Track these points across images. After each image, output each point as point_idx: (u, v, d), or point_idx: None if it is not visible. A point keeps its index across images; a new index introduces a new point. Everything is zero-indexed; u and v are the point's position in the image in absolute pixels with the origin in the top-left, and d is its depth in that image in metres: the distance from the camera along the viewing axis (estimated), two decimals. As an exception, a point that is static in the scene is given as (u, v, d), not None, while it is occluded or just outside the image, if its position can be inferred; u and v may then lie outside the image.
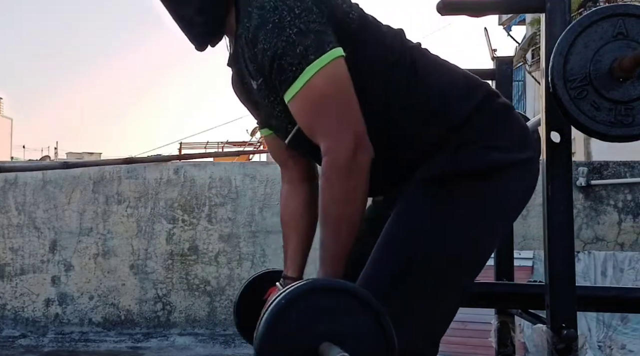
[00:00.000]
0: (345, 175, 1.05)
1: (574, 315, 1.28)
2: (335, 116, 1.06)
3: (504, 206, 1.15)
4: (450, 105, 1.14)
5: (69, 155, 22.59)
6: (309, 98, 1.06)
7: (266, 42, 1.07)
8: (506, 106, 1.20)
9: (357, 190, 1.07)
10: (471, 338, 3.09)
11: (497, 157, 1.12)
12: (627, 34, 1.15)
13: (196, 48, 1.26)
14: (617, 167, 4.47)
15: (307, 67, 1.04)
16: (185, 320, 4.63)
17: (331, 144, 1.05)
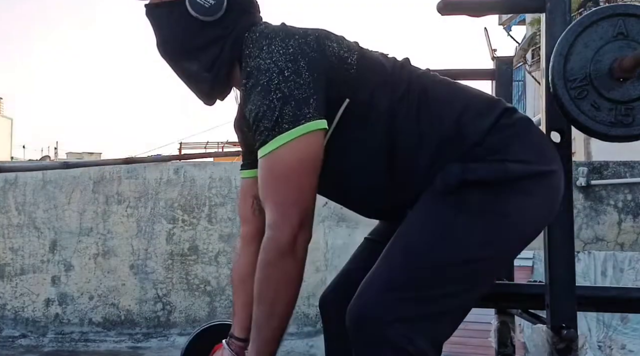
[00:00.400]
0: (286, 256, 1.06)
1: (574, 315, 1.28)
2: (289, 191, 1.07)
3: (520, 217, 1.11)
4: (464, 129, 1.12)
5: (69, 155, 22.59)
6: (270, 167, 1.08)
7: (253, 103, 1.09)
8: (524, 121, 1.16)
9: (296, 272, 1.08)
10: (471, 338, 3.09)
11: (514, 167, 1.09)
12: (627, 34, 1.15)
13: (205, 103, 1.27)
14: (617, 167, 4.47)
15: (278, 136, 1.06)
16: (185, 320, 4.63)
17: (277, 219, 1.07)
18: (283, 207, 1.07)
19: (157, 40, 1.22)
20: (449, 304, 1.09)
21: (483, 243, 1.09)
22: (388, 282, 1.08)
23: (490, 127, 1.12)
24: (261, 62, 1.09)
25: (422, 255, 1.08)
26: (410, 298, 1.06)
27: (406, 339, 1.04)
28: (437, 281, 1.08)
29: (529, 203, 1.11)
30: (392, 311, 1.05)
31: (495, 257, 1.12)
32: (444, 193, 1.10)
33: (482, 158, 1.10)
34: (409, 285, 1.07)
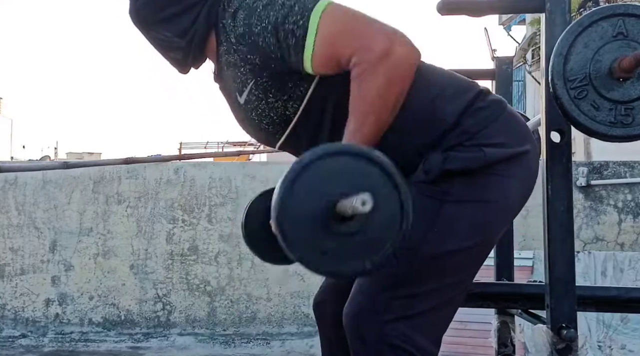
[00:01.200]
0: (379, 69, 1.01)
1: (574, 315, 1.28)
2: (361, 29, 1.04)
3: (501, 200, 1.13)
4: (439, 110, 1.13)
5: (69, 155, 22.58)
6: (324, 33, 1.04)
7: (263, 20, 1.07)
8: (498, 103, 1.18)
9: (391, 86, 1.03)
10: (471, 338, 3.09)
11: (491, 152, 1.10)
12: (627, 34, 1.15)
13: (179, 71, 1.26)
14: (617, 167, 4.47)
15: (312, 11, 1.04)
16: (185, 320, 4.63)
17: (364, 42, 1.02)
18: (365, 37, 1.03)
19: (131, 7, 1.21)
20: (443, 296, 1.10)
21: (470, 231, 1.10)
22: (382, 281, 1.08)
23: (465, 109, 1.13)
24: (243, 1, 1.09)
25: (411, 251, 1.08)
26: (405, 295, 1.06)
27: (404, 337, 1.04)
28: (430, 275, 1.08)
29: (507, 185, 1.13)
30: (388, 310, 1.05)
31: (482, 243, 1.13)
32: (427, 184, 1.10)
33: (460, 144, 1.11)
34: (402, 282, 1.07)
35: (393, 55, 1.01)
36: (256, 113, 1.16)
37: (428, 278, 1.08)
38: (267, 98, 1.13)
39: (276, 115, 1.15)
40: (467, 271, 1.14)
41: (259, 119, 1.17)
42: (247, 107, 1.17)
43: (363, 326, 1.06)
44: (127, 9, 1.22)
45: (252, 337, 4.56)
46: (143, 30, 1.22)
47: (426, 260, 1.08)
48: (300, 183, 0.87)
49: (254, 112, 1.16)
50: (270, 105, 1.13)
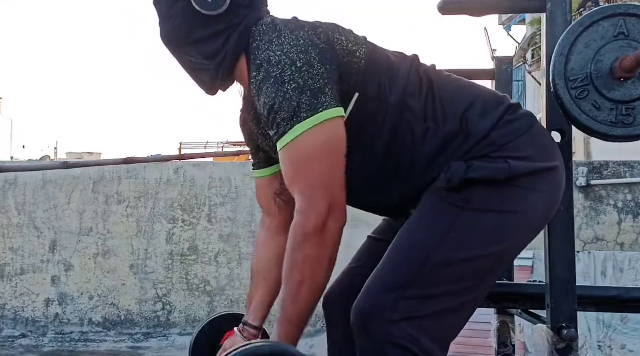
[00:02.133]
0: (313, 242, 1.05)
1: (574, 315, 1.28)
2: (314, 178, 1.06)
3: (523, 213, 1.11)
4: (469, 125, 1.12)
5: (69, 155, 22.58)
6: (293, 156, 1.08)
7: (267, 96, 1.08)
8: (528, 117, 1.17)
9: (323, 258, 1.07)
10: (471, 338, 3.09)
11: (516, 165, 1.09)
12: (628, 34, 1.15)
13: (206, 93, 1.26)
14: (617, 167, 4.47)
15: (297, 125, 1.05)
16: (185, 320, 4.63)
17: (304, 205, 1.06)
18: (309, 192, 1.06)
19: (161, 30, 1.22)
20: (454, 302, 1.09)
21: (487, 241, 1.09)
22: (393, 281, 1.08)
23: (495, 124, 1.12)
24: (271, 54, 1.08)
25: (427, 254, 1.08)
26: (415, 296, 1.06)
27: (411, 338, 1.04)
28: (442, 279, 1.08)
29: (531, 200, 1.12)
30: (397, 310, 1.05)
31: (499, 254, 1.12)
32: (448, 192, 1.10)
33: (485, 155, 1.10)
34: (413, 283, 1.07)
35: (327, 227, 1.05)
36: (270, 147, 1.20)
37: (439, 283, 1.08)
38: None
39: None
40: (481, 280, 1.12)
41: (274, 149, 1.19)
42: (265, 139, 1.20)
43: (370, 324, 1.06)
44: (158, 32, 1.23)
45: (252, 337, 4.57)
46: (173, 52, 1.23)
47: (439, 265, 1.08)
48: None
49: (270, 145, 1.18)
50: None
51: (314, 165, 1.07)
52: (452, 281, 1.09)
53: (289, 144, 1.07)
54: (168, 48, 1.23)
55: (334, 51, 1.11)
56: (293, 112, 1.05)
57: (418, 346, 1.04)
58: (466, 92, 1.18)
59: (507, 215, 1.10)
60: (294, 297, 1.07)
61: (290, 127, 1.06)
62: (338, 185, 1.08)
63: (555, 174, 1.15)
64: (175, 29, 1.20)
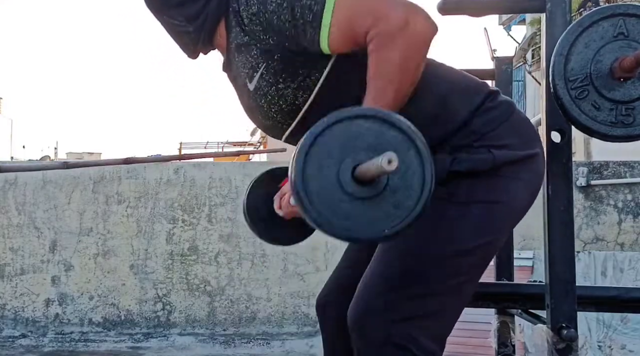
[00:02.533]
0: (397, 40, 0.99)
1: (574, 315, 1.28)
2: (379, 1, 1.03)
3: (508, 202, 1.13)
4: (449, 109, 1.13)
5: (69, 155, 22.60)
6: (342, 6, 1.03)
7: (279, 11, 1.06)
8: (508, 104, 1.18)
9: (410, 57, 1.01)
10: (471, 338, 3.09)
11: (499, 154, 1.11)
12: (628, 34, 1.15)
13: (188, 56, 1.26)
14: (617, 167, 4.47)
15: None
16: (185, 320, 4.63)
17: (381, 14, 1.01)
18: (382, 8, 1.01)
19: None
20: (450, 297, 1.09)
21: (475, 232, 1.10)
22: (387, 281, 1.08)
23: (476, 109, 1.13)
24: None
25: (418, 251, 1.08)
26: (410, 295, 1.06)
27: (410, 338, 1.04)
28: (437, 275, 1.08)
29: (514, 187, 1.13)
30: (393, 310, 1.05)
31: (488, 245, 1.13)
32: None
33: (468, 145, 1.11)
34: (408, 282, 1.07)
35: (411, 26, 1.00)
36: (265, 100, 1.15)
37: (433, 279, 1.08)
38: (277, 84, 1.12)
39: (285, 103, 1.14)
40: (473, 272, 1.13)
41: (267, 107, 1.16)
42: (257, 93, 1.16)
43: (368, 325, 1.06)
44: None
45: (252, 337, 4.57)
46: (156, 14, 1.23)
47: (431, 261, 1.08)
48: (319, 148, 0.84)
49: (263, 99, 1.15)
50: (280, 91, 1.13)
51: None
52: (447, 277, 1.09)
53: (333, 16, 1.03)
54: (152, 12, 1.23)
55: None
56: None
57: (417, 345, 1.04)
58: (446, 76, 1.18)
59: (493, 205, 1.11)
60: (379, 96, 1.02)
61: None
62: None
63: (536, 161, 1.17)
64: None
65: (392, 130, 0.87)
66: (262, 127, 1.29)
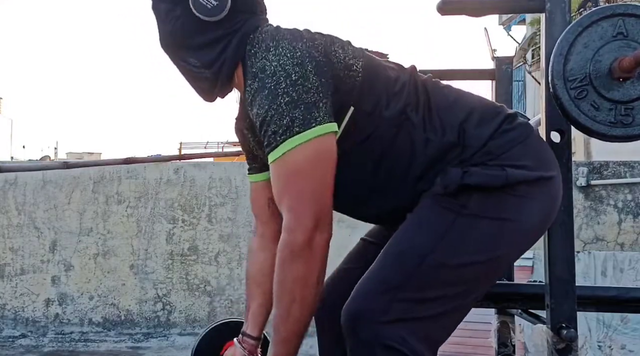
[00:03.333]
0: (301, 260, 1.05)
1: (574, 315, 1.28)
2: (302, 193, 1.06)
3: (518, 221, 1.11)
4: (466, 135, 1.12)
5: (69, 155, 22.60)
6: (281, 170, 1.07)
7: (260, 107, 1.07)
8: (525, 126, 1.17)
9: (311, 274, 1.06)
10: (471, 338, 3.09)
11: (513, 172, 1.09)
12: (627, 34, 1.15)
13: (205, 100, 1.25)
14: (617, 167, 4.47)
15: (288, 140, 1.04)
16: (185, 320, 4.63)
17: (291, 221, 1.06)
18: (296, 208, 1.05)
19: (160, 35, 1.21)
20: (445, 306, 1.09)
21: (482, 247, 1.09)
22: (385, 282, 1.07)
23: (492, 134, 1.12)
24: (267, 63, 1.07)
25: (421, 256, 1.07)
26: (407, 299, 1.06)
27: (401, 339, 1.04)
28: (432, 283, 1.08)
29: (527, 208, 1.11)
30: (387, 312, 1.05)
31: (493, 261, 1.12)
32: (443, 196, 1.10)
33: (482, 163, 1.11)
34: (404, 286, 1.07)
35: (313, 243, 1.05)
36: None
37: (431, 287, 1.08)
38: None
39: None
40: (474, 286, 1.12)
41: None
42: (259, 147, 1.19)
43: (360, 325, 1.06)
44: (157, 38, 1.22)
45: (252, 337, 4.57)
46: (172, 58, 1.22)
47: (432, 268, 1.07)
48: None
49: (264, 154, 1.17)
50: None
51: (302, 180, 1.06)
52: (445, 285, 1.09)
53: (278, 158, 1.06)
54: (167, 54, 1.22)
55: (331, 64, 1.10)
56: (285, 126, 1.05)
57: (407, 347, 1.04)
58: (463, 103, 1.18)
59: (502, 223, 1.10)
60: (286, 317, 1.08)
61: (281, 141, 1.05)
62: (326, 199, 1.08)
63: (552, 184, 1.15)
64: (173, 34, 1.18)
65: None
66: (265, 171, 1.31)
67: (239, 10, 1.16)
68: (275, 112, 1.05)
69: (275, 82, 1.06)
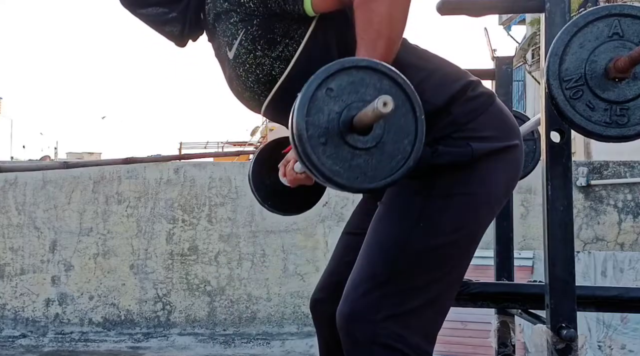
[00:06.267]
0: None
1: (574, 315, 1.28)
2: None
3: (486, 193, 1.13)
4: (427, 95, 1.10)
5: (69, 155, 22.60)
6: None
7: None
8: (488, 95, 1.17)
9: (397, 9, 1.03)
10: (471, 338, 3.09)
11: (479, 147, 1.10)
12: (623, 34, 1.15)
13: (176, 44, 1.24)
14: (617, 167, 4.47)
15: None
16: (185, 320, 4.63)
17: None
18: None
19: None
20: (434, 291, 1.09)
21: (456, 225, 1.10)
22: (371, 280, 1.07)
23: (454, 96, 1.13)
24: None
25: (400, 246, 1.08)
26: (394, 292, 1.06)
27: (397, 336, 1.04)
28: (417, 270, 1.08)
29: (494, 178, 1.13)
30: (379, 309, 1.05)
31: (468, 236, 1.13)
32: (412, 180, 1.09)
33: (448, 135, 1.11)
34: (392, 279, 1.07)
35: None
36: (243, 68, 1.14)
37: (416, 274, 1.08)
38: (255, 52, 1.11)
39: (262, 73, 1.13)
40: (456, 265, 1.13)
41: (245, 76, 1.15)
42: (236, 62, 1.15)
43: (355, 327, 1.05)
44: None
45: (252, 337, 4.57)
46: (134, 10, 1.20)
47: (413, 255, 1.08)
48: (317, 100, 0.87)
49: (242, 68, 1.14)
50: (257, 59, 1.12)
51: None
52: (429, 270, 1.09)
53: None
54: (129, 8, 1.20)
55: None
56: None
57: (404, 343, 1.04)
58: (426, 62, 1.17)
59: (472, 197, 1.12)
60: (370, 52, 1.03)
61: None
62: None
63: (514, 152, 1.17)
64: None
65: (385, 79, 0.90)
66: (241, 99, 1.27)
67: None
68: None
69: None
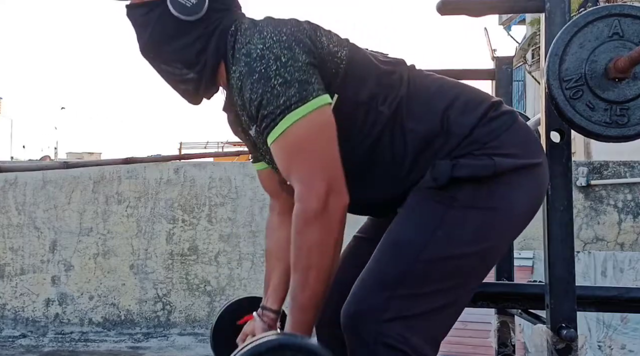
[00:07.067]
0: (315, 225, 1.04)
1: (574, 315, 1.28)
2: (310, 162, 1.05)
3: (508, 210, 1.12)
4: (450, 124, 1.12)
5: (69, 155, 22.60)
6: (284, 146, 1.06)
7: (253, 92, 1.06)
8: (510, 114, 1.18)
9: (328, 239, 1.05)
10: (471, 338, 3.09)
11: (501, 161, 1.10)
12: (623, 34, 1.15)
13: (190, 102, 1.24)
14: (617, 167, 4.47)
15: (287, 116, 1.04)
16: (185, 320, 4.63)
17: (303, 190, 1.05)
18: (306, 178, 1.05)
19: (139, 41, 1.19)
20: (443, 299, 1.09)
21: (474, 238, 1.10)
22: (381, 281, 1.08)
23: (477, 122, 1.13)
24: (252, 47, 1.07)
25: (416, 252, 1.08)
26: (403, 295, 1.06)
27: (401, 338, 1.04)
28: (429, 277, 1.08)
29: (516, 196, 1.13)
30: (387, 310, 1.05)
31: (486, 251, 1.13)
32: (434, 190, 1.10)
33: (469, 153, 1.11)
34: (401, 282, 1.07)
35: (330, 207, 1.04)
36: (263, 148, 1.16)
37: (428, 281, 1.08)
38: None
39: None
40: (470, 277, 1.13)
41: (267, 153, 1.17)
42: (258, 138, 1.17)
43: (360, 325, 1.06)
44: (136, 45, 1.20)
45: (252, 337, 4.56)
46: (153, 64, 1.21)
47: (428, 263, 1.08)
48: None
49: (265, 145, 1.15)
50: None
51: (307, 151, 1.05)
52: (441, 279, 1.09)
53: (279, 136, 1.06)
54: (148, 60, 1.20)
55: (316, 49, 1.10)
56: (283, 105, 1.04)
57: (409, 345, 1.04)
58: (447, 91, 1.18)
59: (493, 212, 1.11)
60: (303, 285, 1.06)
61: (280, 120, 1.05)
62: (335, 164, 1.07)
63: (538, 170, 1.16)
64: (152, 38, 1.17)
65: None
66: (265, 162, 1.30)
67: (215, 8, 1.16)
68: (271, 94, 1.05)
69: (265, 65, 1.05)
